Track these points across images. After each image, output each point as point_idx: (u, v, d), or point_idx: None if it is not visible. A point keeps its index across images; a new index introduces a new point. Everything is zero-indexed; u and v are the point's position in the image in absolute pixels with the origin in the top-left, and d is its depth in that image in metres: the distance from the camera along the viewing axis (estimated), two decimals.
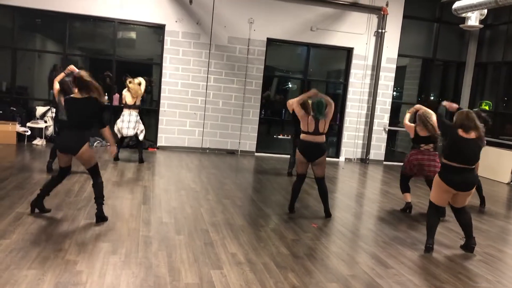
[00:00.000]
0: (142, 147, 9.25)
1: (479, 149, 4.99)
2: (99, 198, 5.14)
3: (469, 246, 5.21)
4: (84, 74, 5.00)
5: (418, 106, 6.88)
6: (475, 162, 4.98)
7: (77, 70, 5.78)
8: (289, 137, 12.13)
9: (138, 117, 8.97)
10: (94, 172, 5.19)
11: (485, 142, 5.52)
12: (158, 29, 10.95)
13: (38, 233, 4.60)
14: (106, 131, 5.19)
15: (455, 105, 6.86)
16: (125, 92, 8.90)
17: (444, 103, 7.21)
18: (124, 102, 8.93)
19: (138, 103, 8.90)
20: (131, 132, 8.87)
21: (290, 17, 11.24)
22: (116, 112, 11.24)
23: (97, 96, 5.00)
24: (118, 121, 8.94)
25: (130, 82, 8.79)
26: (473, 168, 4.96)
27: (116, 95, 10.87)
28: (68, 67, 6.46)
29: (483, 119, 6.33)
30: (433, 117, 6.29)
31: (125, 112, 8.87)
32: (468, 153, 4.91)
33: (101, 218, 5.12)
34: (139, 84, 8.85)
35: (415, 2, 11.91)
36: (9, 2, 9.96)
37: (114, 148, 5.59)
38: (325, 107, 5.95)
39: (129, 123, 8.82)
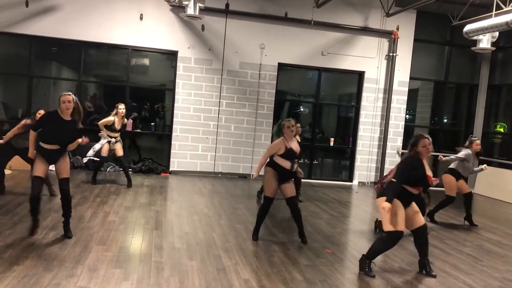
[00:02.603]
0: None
1: None
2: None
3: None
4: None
5: None
6: None
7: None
8: (301, 161, 12.11)
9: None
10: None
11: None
12: (171, 56, 11.12)
13: (51, 259, 4.59)
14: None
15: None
16: (113, 117, 8.75)
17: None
18: (113, 126, 8.75)
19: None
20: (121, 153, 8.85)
21: (301, 42, 11.34)
22: (130, 137, 11.40)
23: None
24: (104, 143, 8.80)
25: (118, 108, 8.75)
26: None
27: (130, 121, 10.98)
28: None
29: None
30: None
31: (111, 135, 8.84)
32: None
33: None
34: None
35: (425, 26, 11.96)
36: (26, 31, 10.23)
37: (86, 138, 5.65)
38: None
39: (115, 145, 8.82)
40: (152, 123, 11.36)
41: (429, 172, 4.89)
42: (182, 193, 8.86)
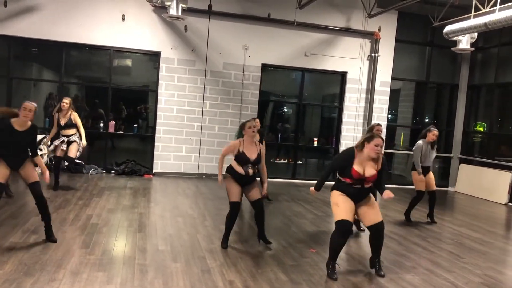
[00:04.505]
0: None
1: None
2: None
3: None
4: None
5: None
6: None
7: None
8: (286, 161, 12.15)
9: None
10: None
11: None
12: (154, 56, 11.05)
13: (32, 263, 4.51)
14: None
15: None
16: (56, 112, 8.34)
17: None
18: (59, 122, 8.25)
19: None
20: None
21: (284, 43, 11.38)
22: (112, 138, 11.30)
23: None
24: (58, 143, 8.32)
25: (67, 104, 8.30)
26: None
27: (112, 122, 10.89)
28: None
29: None
30: None
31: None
32: None
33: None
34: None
35: (407, 27, 12.10)
36: (5, 32, 10.05)
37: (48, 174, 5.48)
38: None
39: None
40: (135, 125, 11.27)
41: (357, 168, 4.70)
42: (166, 194, 8.81)
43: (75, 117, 8.36)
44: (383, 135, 12.09)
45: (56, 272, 4.34)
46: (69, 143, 8.29)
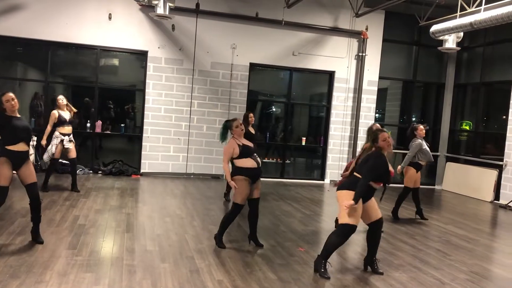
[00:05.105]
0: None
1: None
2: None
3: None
4: None
5: None
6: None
7: None
8: (275, 160, 12.16)
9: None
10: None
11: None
12: (141, 56, 10.97)
13: (18, 265, 4.46)
14: None
15: None
16: (55, 111, 8.23)
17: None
18: (62, 118, 8.19)
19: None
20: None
21: (272, 42, 11.38)
22: (100, 138, 11.21)
23: None
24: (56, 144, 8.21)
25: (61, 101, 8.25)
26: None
27: (99, 122, 10.79)
28: None
29: None
30: None
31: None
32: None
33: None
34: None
35: (394, 26, 12.19)
36: None
37: None
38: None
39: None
40: (122, 124, 11.18)
41: (390, 168, 4.87)
42: (154, 195, 8.76)
43: (73, 113, 8.40)
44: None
45: (43, 273, 4.30)
46: (66, 143, 8.24)
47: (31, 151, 10.12)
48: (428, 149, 7.75)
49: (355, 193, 4.64)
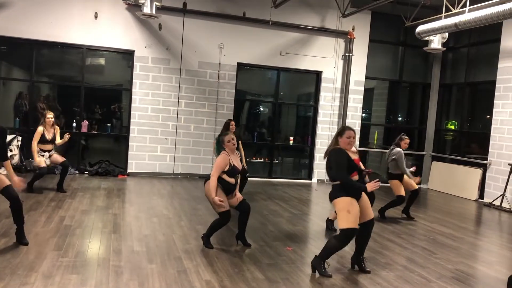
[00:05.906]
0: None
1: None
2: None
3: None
4: None
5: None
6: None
7: None
8: (263, 160, 12.17)
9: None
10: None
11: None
12: (127, 55, 10.89)
13: (2, 267, 4.39)
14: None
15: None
16: (41, 127, 8.07)
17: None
18: (44, 137, 8.06)
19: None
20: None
21: (259, 42, 11.39)
22: (85, 138, 11.10)
23: None
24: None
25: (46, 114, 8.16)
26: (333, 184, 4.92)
27: (85, 122, 10.69)
28: None
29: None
30: None
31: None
32: None
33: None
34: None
35: (380, 27, 12.28)
36: None
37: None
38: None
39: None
40: (109, 124, 11.09)
41: (354, 156, 4.94)
42: (141, 195, 8.70)
43: (57, 132, 8.30)
44: (357, 134, 12.24)
45: (28, 275, 4.24)
46: (46, 159, 8.15)
47: (16, 151, 10.00)
48: (404, 162, 7.86)
49: (350, 187, 4.71)
